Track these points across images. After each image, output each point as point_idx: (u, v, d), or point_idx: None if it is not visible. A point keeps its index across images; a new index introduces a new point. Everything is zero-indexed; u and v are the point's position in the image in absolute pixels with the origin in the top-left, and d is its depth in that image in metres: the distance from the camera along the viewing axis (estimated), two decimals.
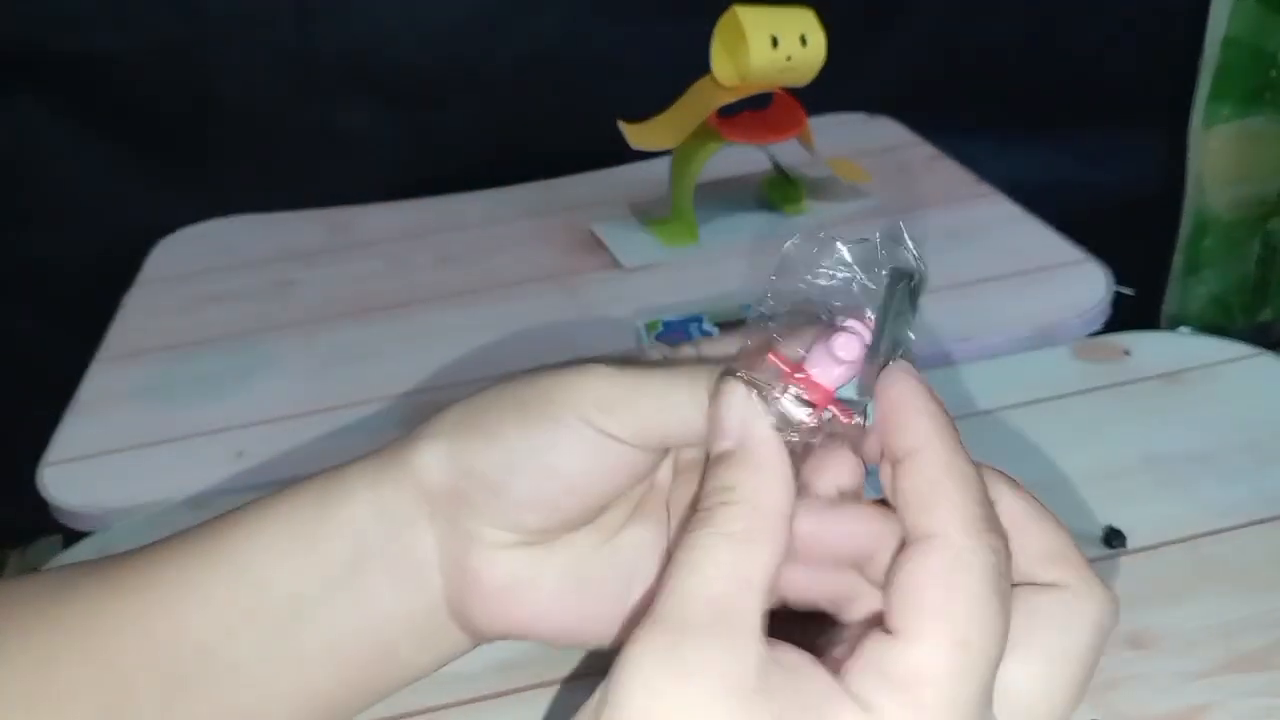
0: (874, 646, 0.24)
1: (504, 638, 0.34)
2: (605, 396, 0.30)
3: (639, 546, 0.33)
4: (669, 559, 0.26)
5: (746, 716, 0.23)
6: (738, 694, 0.23)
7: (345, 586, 0.32)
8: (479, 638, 0.34)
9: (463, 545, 0.32)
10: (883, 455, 0.28)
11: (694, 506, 0.27)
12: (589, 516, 0.32)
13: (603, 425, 0.30)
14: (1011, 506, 0.27)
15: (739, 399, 0.28)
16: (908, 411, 0.27)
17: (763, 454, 0.27)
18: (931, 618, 0.24)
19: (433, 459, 0.32)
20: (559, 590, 0.33)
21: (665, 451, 0.33)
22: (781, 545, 0.26)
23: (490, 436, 0.31)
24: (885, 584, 0.25)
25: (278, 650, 0.32)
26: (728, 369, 0.29)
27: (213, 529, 0.34)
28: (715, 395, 0.28)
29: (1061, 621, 0.26)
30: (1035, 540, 0.27)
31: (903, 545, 0.26)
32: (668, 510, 0.34)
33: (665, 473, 0.34)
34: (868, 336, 0.28)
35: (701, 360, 0.33)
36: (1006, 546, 0.25)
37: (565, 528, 0.32)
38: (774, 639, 0.25)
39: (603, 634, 0.33)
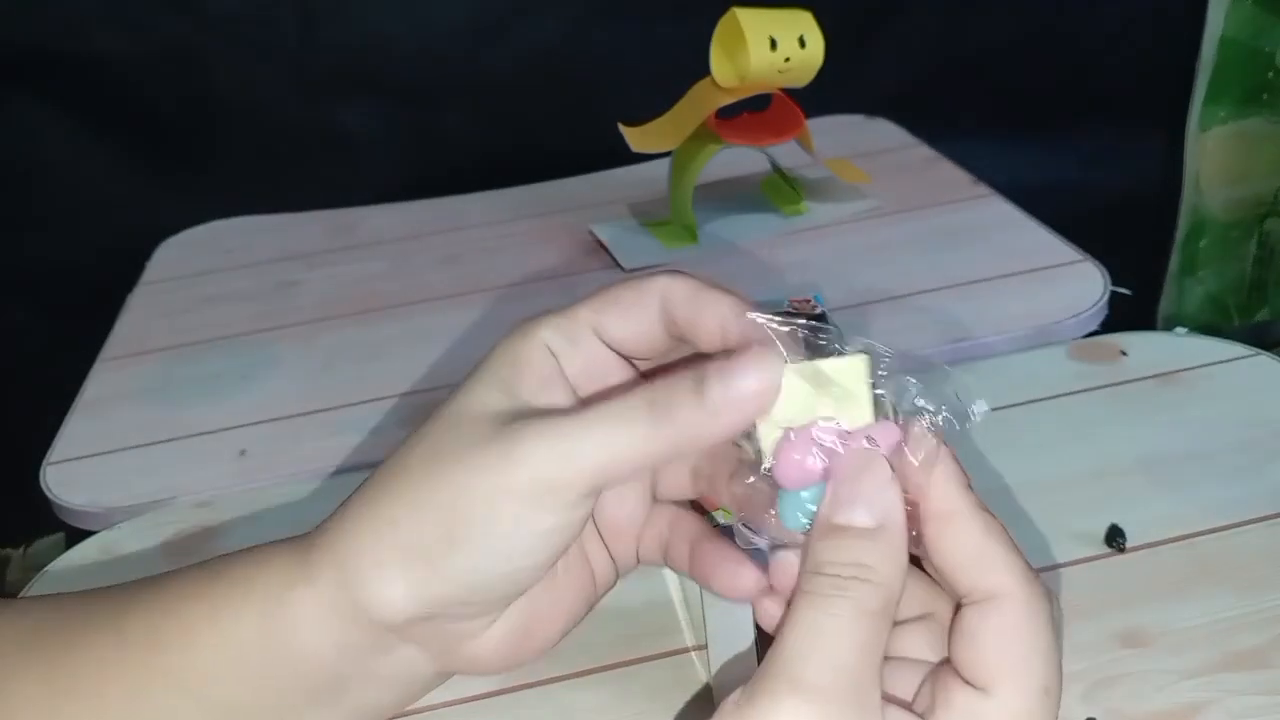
0: (967, 702, 0.26)
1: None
2: (544, 477, 0.28)
3: (584, 546, 0.35)
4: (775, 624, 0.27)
5: None
6: None
7: (319, 700, 0.32)
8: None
9: (449, 644, 0.32)
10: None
11: (813, 566, 0.27)
12: (555, 561, 0.32)
13: (552, 506, 0.29)
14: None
15: (885, 478, 0.27)
16: (940, 480, 0.28)
17: (901, 542, 0.27)
18: (1018, 674, 0.26)
19: (391, 600, 0.30)
20: (553, 614, 0.34)
21: None
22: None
23: (445, 566, 0.29)
24: (959, 639, 0.27)
25: None
26: (869, 438, 0.28)
27: (147, 631, 0.32)
28: (856, 462, 0.27)
29: (1034, 632, 0.27)
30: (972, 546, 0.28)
31: (960, 603, 0.27)
32: None
33: None
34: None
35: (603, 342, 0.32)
36: (1049, 589, 0.27)
37: (538, 580, 0.32)
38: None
39: (580, 617, 0.35)
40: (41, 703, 0.31)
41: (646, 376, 0.33)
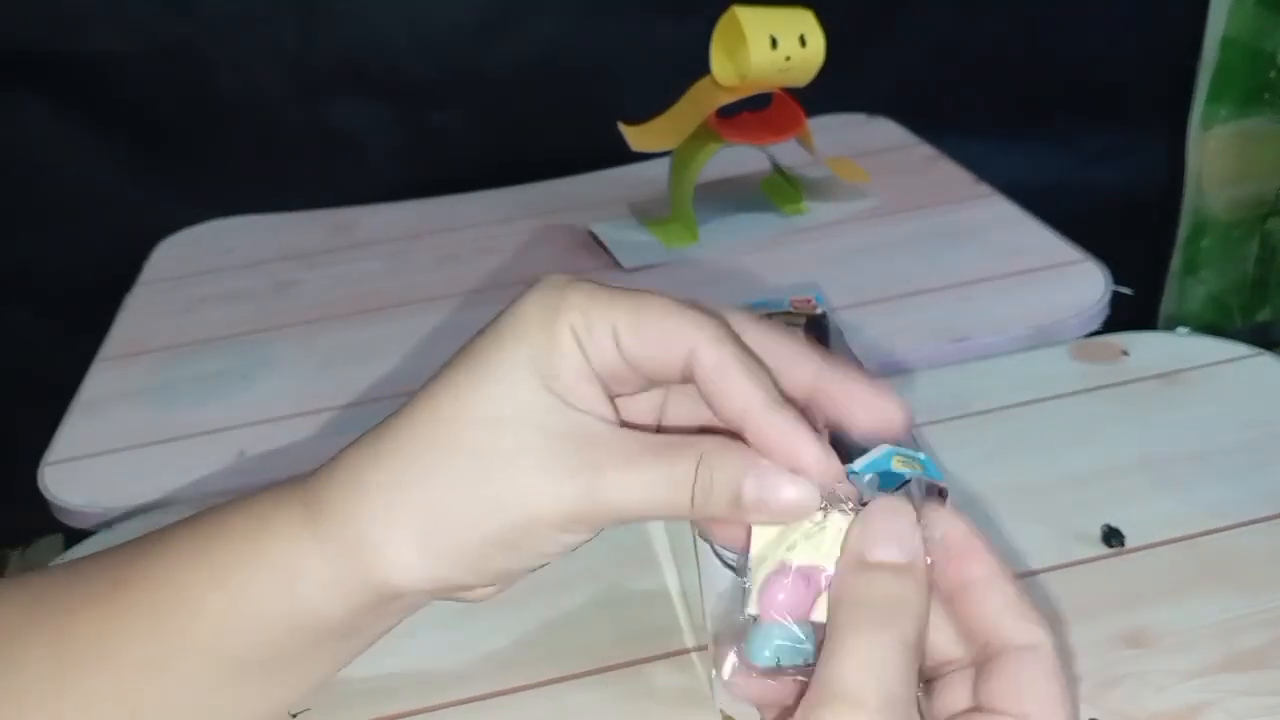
0: None
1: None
2: (571, 512, 0.29)
3: None
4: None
5: None
6: None
7: (331, 649, 0.33)
8: None
9: (457, 597, 0.33)
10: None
11: (854, 600, 0.28)
12: None
13: (576, 533, 0.30)
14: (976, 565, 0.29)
15: (912, 521, 0.29)
16: (966, 546, 0.29)
17: (926, 580, 0.28)
18: (1058, 708, 0.27)
19: (402, 573, 0.30)
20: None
21: None
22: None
23: (461, 556, 0.30)
24: (1000, 681, 0.28)
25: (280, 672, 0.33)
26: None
27: (157, 608, 0.32)
28: (885, 505, 0.29)
29: (1060, 676, 0.28)
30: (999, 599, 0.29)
31: (987, 651, 0.29)
32: None
33: None
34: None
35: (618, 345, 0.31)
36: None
37: None
38: None
39: None
40: (48, 669, 0.32)
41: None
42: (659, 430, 0.33)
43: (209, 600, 0.31)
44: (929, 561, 0.29)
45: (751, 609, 0.29)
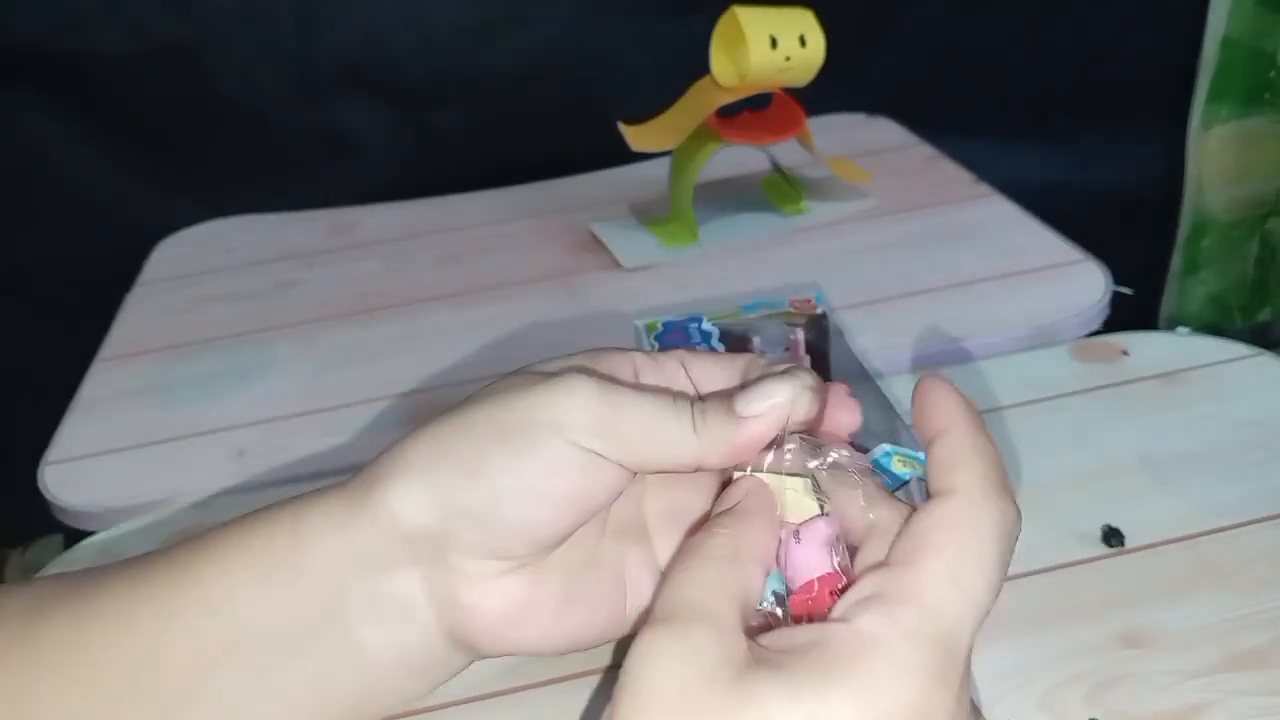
0: (870, 577, 0.27)
1: (509, 655, 0.35)
2: (593, 420, 0.31)
3: (623, 554, 0.35)
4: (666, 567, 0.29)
5: (751, 684, 0.25)
6: (735, 664, 0.25)
7: (328, 626, 0.32)
8: (482, 656, 0.35)
9: (453, 581, 0.32)
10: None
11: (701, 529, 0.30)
12: (571, 533, 0.33)
13: (593, 447, 0.31)
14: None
15: (750, 483, 0.32)
16: (939, 401, 0.30)
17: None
18: (931, 553, 0.26)
19: (411, 501, 0.31)
20: (559, 608, 0.33)
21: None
22: (755, 577, 0.29)
23: (474, 471, 0.31)
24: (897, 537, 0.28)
25: (261, 684, 0.32)
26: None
27: (182, 561, 0.33)
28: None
29: (967, 527, 0.27)
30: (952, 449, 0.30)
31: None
32: (644, 518, 0.35)
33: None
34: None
35: (687, 374, 0.35)
36: (1017, 512, 0.28)
37: (551, 548, 0.32)
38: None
39: (605, 636, 0.34)
40: (69, 612, 0.32)
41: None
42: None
43: (233, 556, 0.33)
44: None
45: None
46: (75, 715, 0.31)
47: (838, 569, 0.29)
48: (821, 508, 0.31)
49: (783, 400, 0.31)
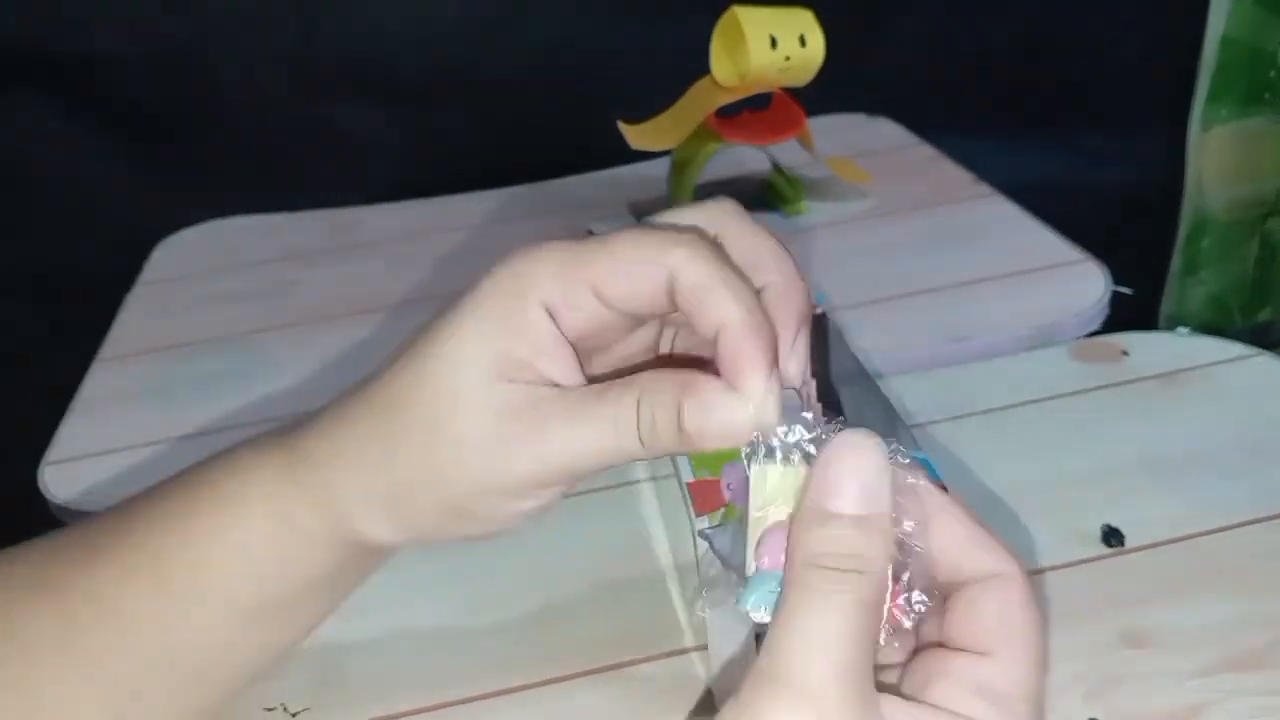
0: (967, 666, 0.26)
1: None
2: (532, 478, 0.30)
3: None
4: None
5: None
6: None
7: (327, 588, 0.35)
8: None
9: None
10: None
11: (807, 558, 0.26)
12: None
13: (537, 497, 0.31)
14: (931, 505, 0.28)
15: (873, 460, 0.26)
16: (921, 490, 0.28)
17: (889, 527, 0.26)
18: (1023, 644, 0.26)
19: (379, 535, 0.32)
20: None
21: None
22: None
23: (429, 522, 0.32)
24: (960, 613, 0.27)
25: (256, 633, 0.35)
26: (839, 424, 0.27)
27: (160, 563, 0.33)
28: (843, 448, 0.27)
29: (1033, 608, 0.27)
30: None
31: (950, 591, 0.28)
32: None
33: None
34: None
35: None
36: None
37: None
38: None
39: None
40: (58, 626, 0.33)
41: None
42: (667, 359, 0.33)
43: (214, 553, 0.33)
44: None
45: (751, 562, 0.28)
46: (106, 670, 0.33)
47: None
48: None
49: (742, 423, 0.28)
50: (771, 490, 0.28)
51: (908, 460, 0.28)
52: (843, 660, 0.24)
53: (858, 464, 0.26)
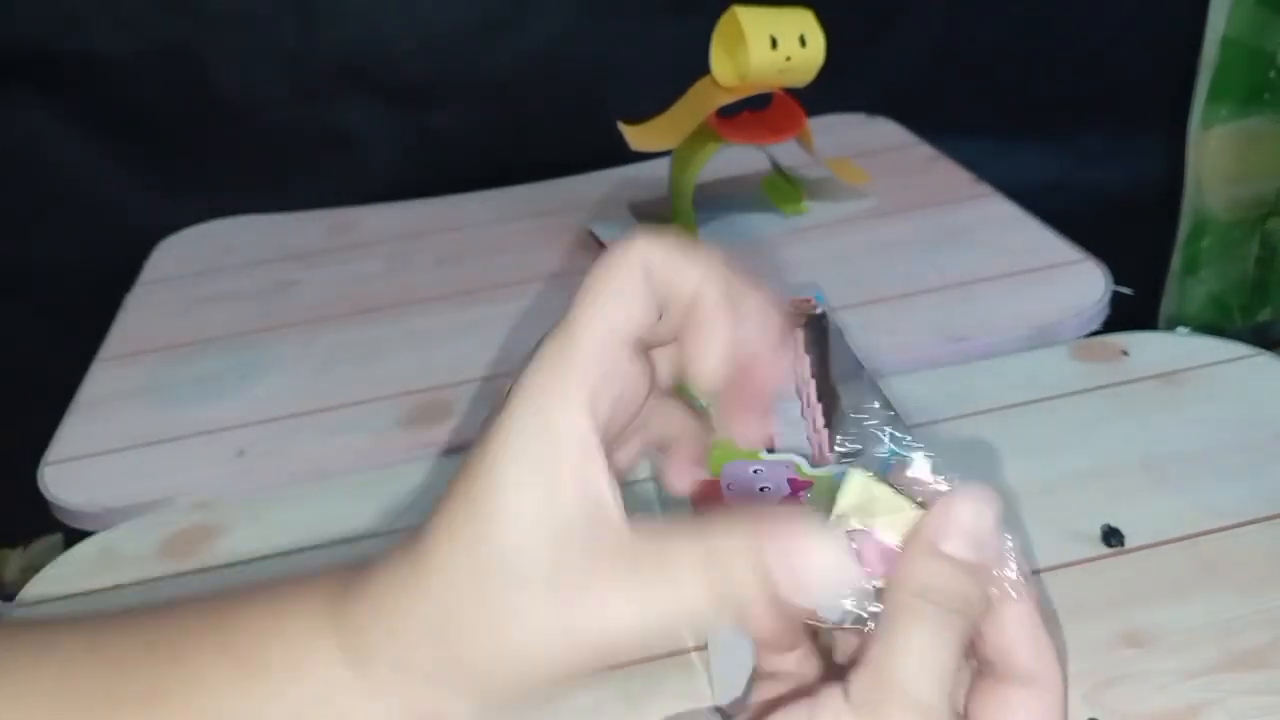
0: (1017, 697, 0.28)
1: None
2: (597, 652, 0.27)
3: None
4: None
5: None
6: None
7: None
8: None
9: None
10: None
11: (919, 590, 0.27)
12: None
13: (599, 663, 0.28)
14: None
15: (992, 519, 0.28)
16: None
17: (988, 582, 0.28)
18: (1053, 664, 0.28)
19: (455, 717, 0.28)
20: None
21: None
22: None
23: (498, 695, 0.28)
24: (991, 709, 0.28)
25: None
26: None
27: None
28: (968, 497, 0.29)
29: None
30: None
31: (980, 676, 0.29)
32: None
33: None
34: None
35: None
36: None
37: None
38: None
39: None
40: None
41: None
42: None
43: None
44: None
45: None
46: None
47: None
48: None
49: (826, 569, 0.27)
50: (858, 499, 0.29)
51: (912, 450, 0.31)
52: (947, 691, 0.26)
53: (979, 513, 0.28)
